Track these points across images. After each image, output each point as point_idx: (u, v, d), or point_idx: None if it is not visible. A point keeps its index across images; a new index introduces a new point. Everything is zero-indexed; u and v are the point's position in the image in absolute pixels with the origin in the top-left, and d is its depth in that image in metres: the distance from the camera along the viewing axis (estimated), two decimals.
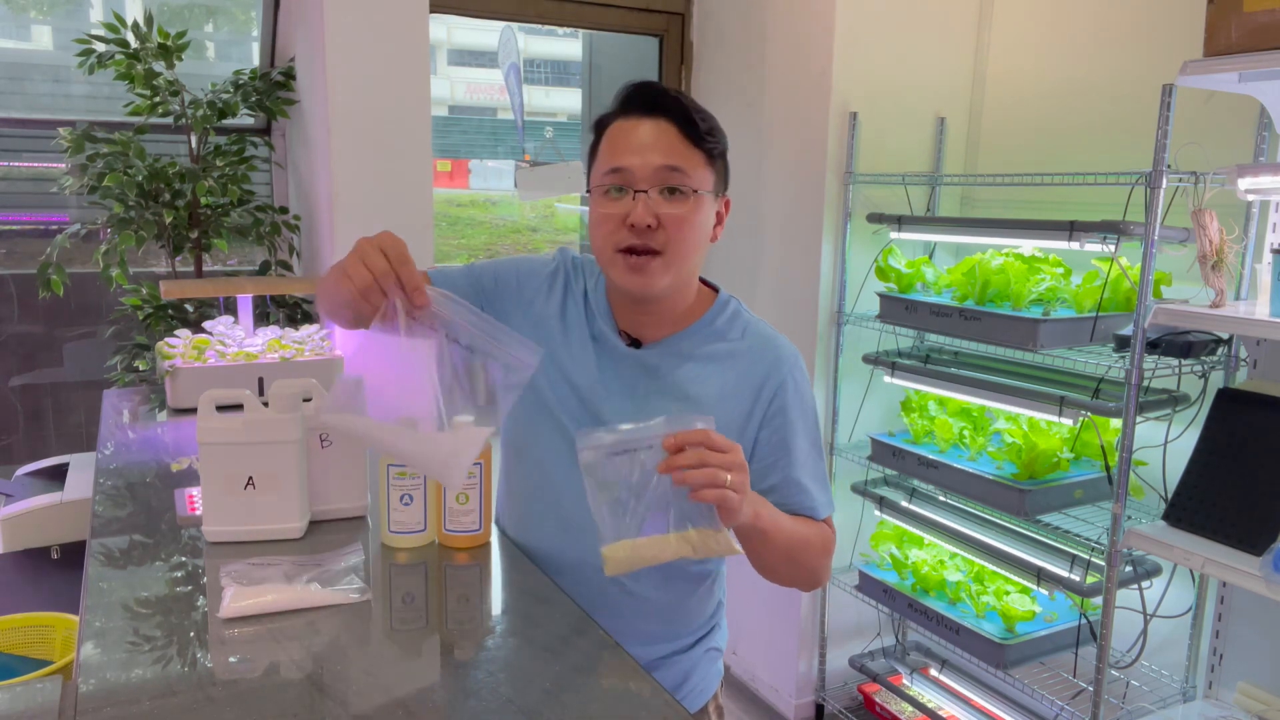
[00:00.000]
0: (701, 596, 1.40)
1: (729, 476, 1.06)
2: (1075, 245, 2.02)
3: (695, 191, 1.23)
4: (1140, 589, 2.12)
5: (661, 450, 1.06)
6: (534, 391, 1.33)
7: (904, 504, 2.56)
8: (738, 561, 1.25)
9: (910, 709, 2.65)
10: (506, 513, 1.45)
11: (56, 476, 2.58)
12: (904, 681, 2.73)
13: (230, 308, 2.49)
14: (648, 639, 1.34)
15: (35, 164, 3.14)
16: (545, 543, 1.35)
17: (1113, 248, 2.00)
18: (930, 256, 2.59)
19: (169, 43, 2.67)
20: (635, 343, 1.33)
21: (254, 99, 2.78)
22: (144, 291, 2.72)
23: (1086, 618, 2.21)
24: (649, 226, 1.21)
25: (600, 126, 1.29)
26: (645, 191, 1.22)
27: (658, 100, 1.24)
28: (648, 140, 1.22)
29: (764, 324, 1.37)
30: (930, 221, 2.56)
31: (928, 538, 2.56)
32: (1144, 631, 2.13)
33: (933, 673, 2.74)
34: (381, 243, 1.07)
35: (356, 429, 1.15)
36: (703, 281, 1.39)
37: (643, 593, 1.33)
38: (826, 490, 1.34)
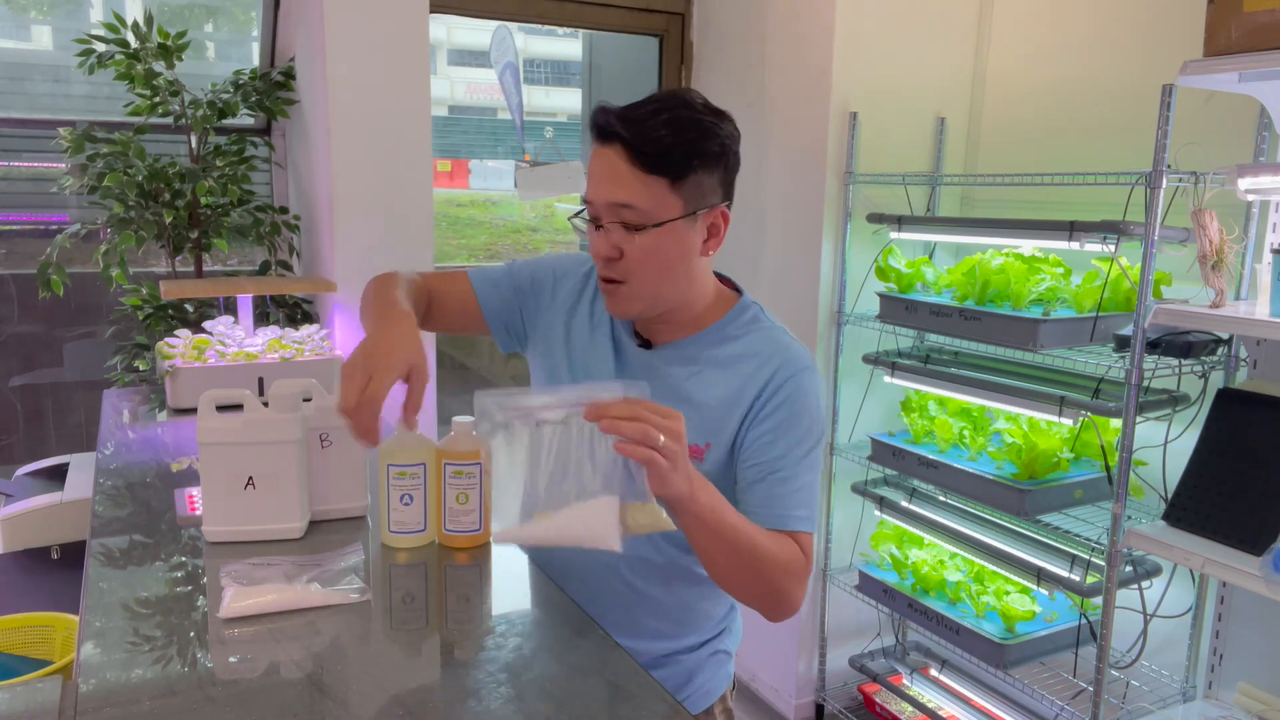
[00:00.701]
0: (712, 599, 1.38)
1: (661, 438, 0.99)
2: (1075, 245, 2.02)
3: (655, 225, 1.17)
4: (1140, 589, 2.12)
5: (582, 421, 1.00)
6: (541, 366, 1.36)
7: (904, 504, 2.56)
8: None
9: (910, 709, 2.65)
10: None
11: (56, 476, 2.58)
12: (904, 681, 2.73)
13: (230, 308, 2.49)
14: (654, 635, 1.33)
15: (35, 164, 3.14)
16: None
17: (1113, 248, 2.00)
18: (930, 256, 2.59)
19: (169, 43, 2.67)
20: (647, 344, 1.32)
21: (254, 99, 2.78)
22: (144, 291, 2.72)
23: (1086, 618, 2.21)
24: (610, 258, 1.20)
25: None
26: (601, 225, 1.20)
27: (607, 128, 1.17)
28: (602, 173, 1.18)
29: (782, 331, 1.32)
30: (930, 221, 2.56)
31: (928, 538, 2.56)
32: (1144, 631, 2.13)
33: (933, 673, 2.74)
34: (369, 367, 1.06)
35: (536, 534, 1.07)
36: (728, 283, 1.38)
37: (650, 591, 1.32)
38: (809, 505, 1.24)
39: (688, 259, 1.23)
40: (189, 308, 2.74)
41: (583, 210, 1.24)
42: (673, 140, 1.16)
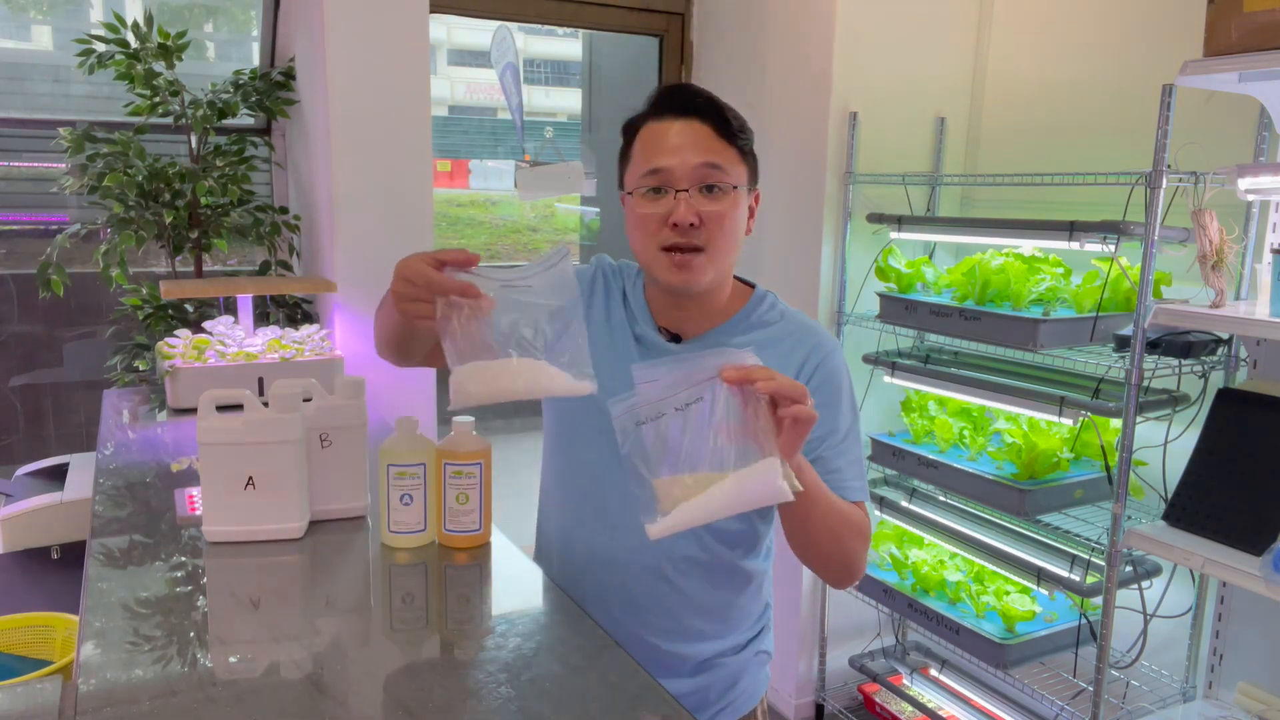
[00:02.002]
0: (751, 595, 1.38)
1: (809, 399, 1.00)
2: (1075, 245, 2.02)
3: (734, 188, 1.27)
4: (1140, 589, 2.12)
5: (716, 392, 0.98)
6: (585, 397, 1.32)
7: (904, 504, 2.56)
8: None
9: (910, 709, 2.65)
10: (552, 514, 1.42)
11: (56, 476, 2.59)
12: (904, 681, 2.73)
13: (230, 308, 2.49)
14: (698, 637, 1.33)
15: (35, 164, 3.14)
16: (595, 541, 1.33)
17: (1113, 248, 2.00)
18: (930, 256, 2.59)
19: (169, 43, 2.67)
20: (675, 338, 1.33)
21: (254, 99, 2.78)
22: (144, 291, 2.72)
23: (1086, 618, 2.21)
24: (691, 224, 1.23)
25: (631, 130, 1.30)
26: (685, 190, 1.24)
27: (692, 101, 1.27)
28: (684, 140, 1.24)
29: (804, 315, 1.37)
30: (930, 221, 2.56)
31: (928, 538, 2.56)
32: (1144, 631, 2.13)
33: (933, 673, 2.74)
34: (416, 260, 1.08)
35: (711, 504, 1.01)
36: (737, 278, 1.40)
37: (691, 590, 1.32)
38: (862, 477, 1.29)
39: (742, 232, 1.32)
40: (189, 308, 2.74)
41: (656, 175, 1.24)
42: (740, 117, 1.31)
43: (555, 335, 1.07)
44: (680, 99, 1.27)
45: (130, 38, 2.64)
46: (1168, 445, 2.06)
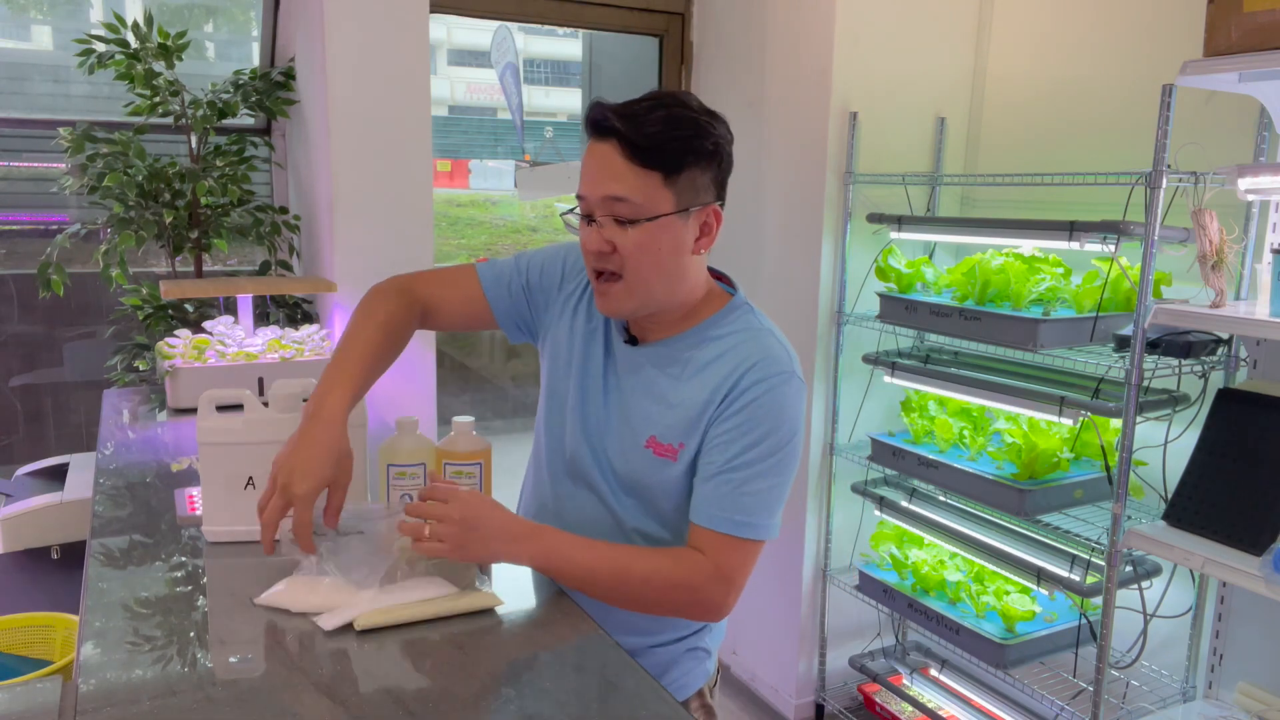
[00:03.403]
0: None
1: (427, 529, 1.14)
2: (1075, 245, 2.02)
3: (649, 219, 1.18)
4: (1140, 589, 2.12)
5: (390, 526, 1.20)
6: (555, 392, 1.37)
7: (904, 504, 2.56)
8: None
9: (910, 709, 2.65)
10: (525, 510, 1.48)
11: (56, 476, 2.59)
12: (904, 681, 2.73)
13: (230, 308, 2.49)
14: (629, 630, 1.32)
15: (35, 164, 3.14)
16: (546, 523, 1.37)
17: (1113, 248, 2.00)
18: (930, 256, 2.59)
19: (169, 43, 2.67)
20: (634, 340, 1.33)
21: (254, 99, 2.78)
22: (144, 291, 2.72)
23: (1086, 618, 2.21)
24: (603, 252, 1.21)
25: None
26: (595, 220, 1.21)
27: (602, 123, 1.18)
28: (595, 167, 1.19)
29: (769, 333, 1.29)
30: (930, 221, 2.56)
31: (928, 538, 2.56)
32: (1144, 631, 2.13)
33: (933, 673, 2.74)
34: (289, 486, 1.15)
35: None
36: (725, 280, 1.39)
37: None
38: (751, 514, 1.20)
39: (679, 256, 1.23)
40: (189, 308, 2.74)
41: (574, 208, 1.25)
42: (666, 135, 1.17)
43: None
44: (593, 119, 1.19)
45: (130, 38, 2.64)
46: (1168, 445, 2.06)
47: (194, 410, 1.80)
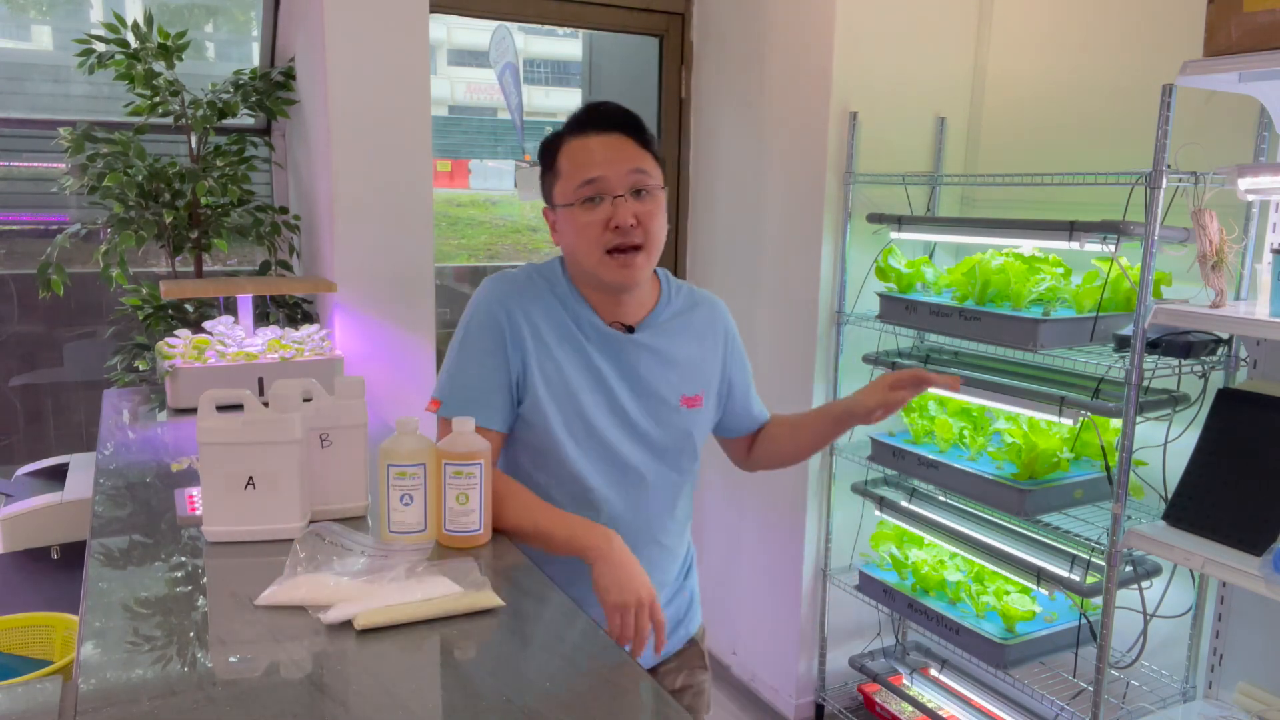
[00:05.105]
0: (686, 519, 1.60)
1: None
2: (1075, 245, 2.02)
3: (659, 188, 1.41)
4: (1140, 589, 2.12)
5: None
6: (549, 405, 1.41)
7: (904, 504, 2.56)
8: (735, 561, 1.26)
9: (910, 709, 2.65)
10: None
11: (56, 476, 2.59)
12: (904, 681, 2.73)
13: (230, 308, 2.49)
14: (674, 583, 1.57)
15: (35, 164, 3.14)
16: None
17: (1113, 248, 2.00)
18: (930, 256, 2.59)
19: (169, 43, 2.67)
20: (629, 329, 1.46)
21: (254, 99, 2.78)
22: (144, 291, 2.72)
23: (1086, 618, 2.21)
24: (631, 225, 1.36)
25: (553, 149, 1.42)
26: (621, 196, 1.36)
27: (613, 116, 1.40)
28: (611, 152, 1.37)
29: (690, 285, 1.57)
30: (930, 221, 2.56)
31: (928, 538, 2.56)
32: (1144, 631, 2.13)
33: (933, 673, 2.74)
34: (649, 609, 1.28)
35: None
36: None
37: (672, 545, 1.54)
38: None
39: (666, 228, 1.46)
40: (189, 308, 2.74)
41: (591, 185, 1.37)
42: (646, 126, 1.44)
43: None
44: (603, 115, 1.41)
45: (130, 38, 2.64)
46: (1168, 445, 2.06)
47: (194, 410, 1.80)
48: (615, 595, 1.25)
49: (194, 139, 2.74)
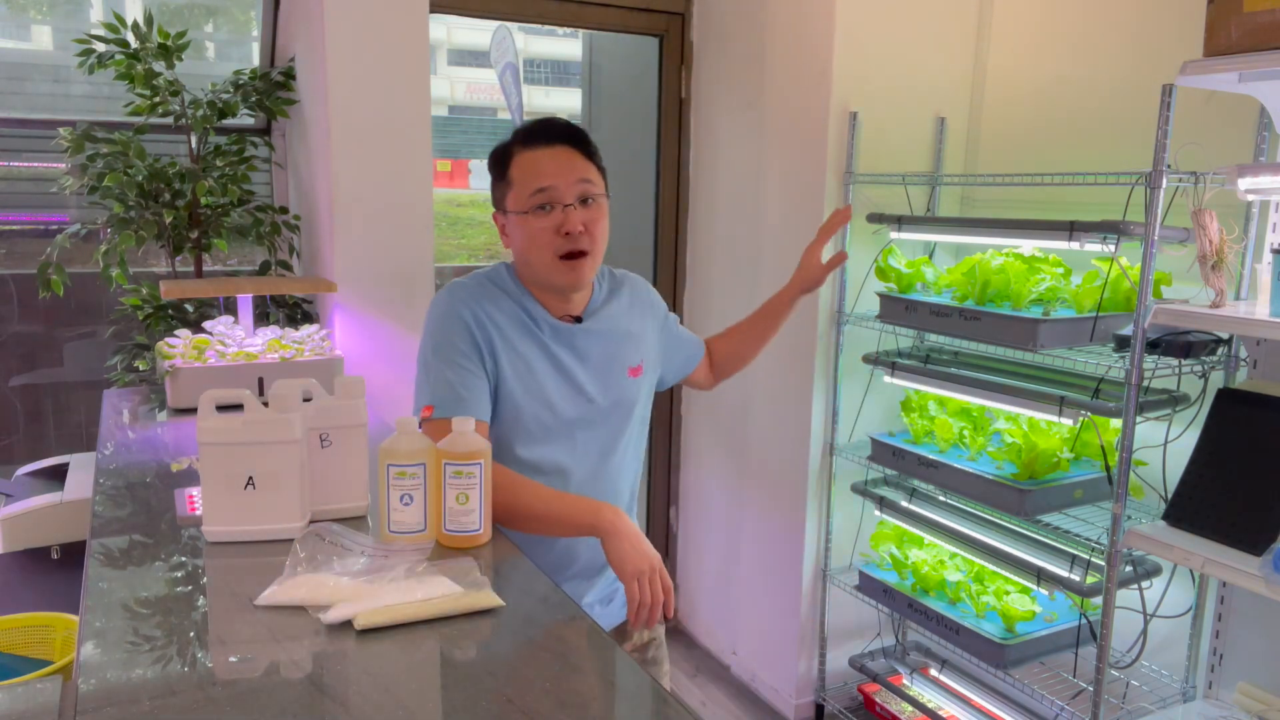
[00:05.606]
0: (637, 464, 1.70)
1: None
2: (1075, 245, 2.02)
3: (604, 196, 1.51)
4: (1140, 589, 2.12)
5: None
6: (520, 395, 1.50)
7: (904, 504, 2.56)
8: (735, 561, 1.26)
9: (910, 709, 2.65)
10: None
11: (56, 476, 2.58)
12: (904, 681, 2.73)
13: (230, 308, 2.49)
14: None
15: (35, 164, 3.14)
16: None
17: (1113, 248, 2.00)
18: (930, 256, 2.59)
19: (169, 43, 2.67)
20: (577, 320, 1.56)
21: (254, 99, 2.78)
22: (144, 291, 2.72)
23: (1086, 618, 2.21)
24: (579, 231, 1.46)
25: (504, 159, 1.51)
26: (570, 204, 1.46)
27: (561, 130, 1.50)
28: (559, 163, 1.47)
29: (606, 267, 1.65)
30: (930, 221, 2.56)
31: (928, 538, 2.56)
32: (1144, 631, 2.13)
33: (933, 673, 2.74)
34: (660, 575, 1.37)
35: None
36: None
37: (627, 490, 1.65)
38: None
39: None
40: (189, 308, 2.74)
41: (543, 194, 1.46)
42: (591, 139, 1.54)
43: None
44: (551, 129, 1.50)
45: (130, 38, 2.64)
46: (1168, 445, 2.06)
47: (194, 410, 1.80)
48: (632, 565, 1.35)
49: (194, 139, 2.74)
